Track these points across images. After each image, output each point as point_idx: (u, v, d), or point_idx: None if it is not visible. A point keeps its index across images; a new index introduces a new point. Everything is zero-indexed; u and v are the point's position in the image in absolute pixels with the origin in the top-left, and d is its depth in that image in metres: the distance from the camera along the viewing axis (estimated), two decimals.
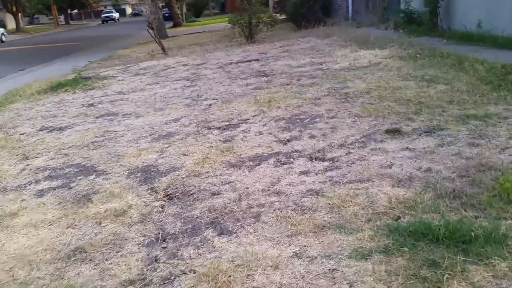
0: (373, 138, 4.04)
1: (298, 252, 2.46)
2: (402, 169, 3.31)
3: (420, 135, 3.96)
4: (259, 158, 3.94)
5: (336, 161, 3.64)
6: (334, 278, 2.19)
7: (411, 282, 2.08)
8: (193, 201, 3.27)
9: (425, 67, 6.52)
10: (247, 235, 2.71)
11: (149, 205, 3.29)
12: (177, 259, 2.55)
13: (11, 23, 48.29)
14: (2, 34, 35.26)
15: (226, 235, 2.75)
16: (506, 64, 5.66)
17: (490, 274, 2.06)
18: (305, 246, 2.50)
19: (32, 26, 57.05)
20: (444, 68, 6.29)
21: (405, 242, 2.37)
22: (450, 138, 3.81)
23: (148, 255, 2.63)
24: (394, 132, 4.07)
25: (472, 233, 2.30)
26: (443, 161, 3.37)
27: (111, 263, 2.57)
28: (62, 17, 61.92)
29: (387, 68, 6.82)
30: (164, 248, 2.69)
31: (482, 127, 3.96)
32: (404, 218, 2.65)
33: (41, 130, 5.76)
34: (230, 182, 3.51)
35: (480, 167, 3.18)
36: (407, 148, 3.71)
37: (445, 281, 2.04)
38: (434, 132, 3.98)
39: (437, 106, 4.66)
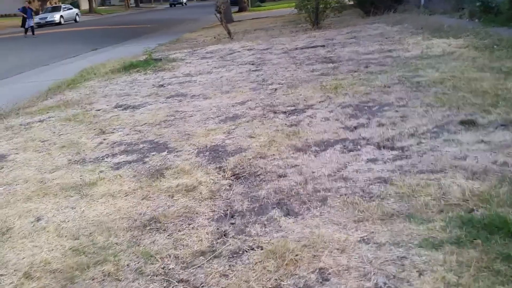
0: (446, 129, 3.90)
1: (365, 237, 2.46)
2: (477, 161, 3.19)
3: (496, 128, 3.78)
4: (325, 143, 3.94)
5: (406, 150, 3.57)
6: (403, 265, 2.18)
7: (483, 274, 2.03)
8: (259, 181, 3.35)
9: (503, 59, 6.15)
10: (313, 217, 2.74)
11: (217, 182, 3.40)
12: (245, 235, 2.64)
13: (84, 4, 50.73)
14: (76, 14, 37.24)
15: (292, 216, 2.80)
16: None
17: None
18: (372, 232, 2.50)
19: (103, 7, 59.64)
20: None
21: (479, 235, 2.30)
22: None
23: (217, 229, 2.74)
24: (469, 124, 3.91)
25: None
26: None
27: (183, 234, 2.71)
28: (132, 0, 64.16)
29: (461, 58, 6.51)
30: (233, 224, 2.79)
31: None
32: (478, 211, 2.57)
33: (116, 107, 6.08)
34: (296, 165, 3.54)
35: None
36: (482, 140, 3.56)
37: None
38: (511, 126, 3.78)
39: None
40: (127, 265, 2.47)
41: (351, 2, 17.95)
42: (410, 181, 3.00)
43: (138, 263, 2.48)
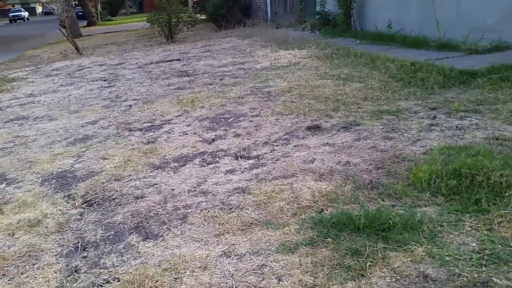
0: (295, 135, 4.13)
1: (226, 250, 2.44)
2: (323, 163, 3.42)
3: (338, 130, 4.12)
4: (184, 158, 3.87)
5: (261, 158, 3.68)
6: (263, 273, 2.20)
7: (336, 271, 2.15)
8: (115, 206, 3.13)
9: (341, 66, 6.80)
10: (174, 237, 2.64)
11: (66, 213, 3.10)
12: (100, 268, 2.42)
13: None
14: None
15: (152, 239, 2.66)
16: (415, 62, 6.05)
17: (409, 259, 2.18)
18: (233, 244, 2.49)
19: None
20: (358, 67, 6.60)
21: (329, 233, 2.45)
22: (366, 132, 3.99)
23: (67, 265, 2.47)
24: (315, 129, 4.20)
25: (390, 221, 2.43)
26: (360, 154, 3.53)
27: (27, 277, 2.38)
28: None
29: (306, 68, 7.02)
30: (85, 257, 2.55)
31: (395, 121, 4.20)
32: (327, 210, 2.73)
33: None
34: (154, 184, 3.41)
35: (395, 158, 3.36)
36: (327, 143, 3.84)
37: (368, 269, 2.13)
38: (351, 128, 4.15)
39: (353, 103, 4.87)
40: None
41: (204, 17, 18.29)
42: (266, 188, 3.09)
43: None
